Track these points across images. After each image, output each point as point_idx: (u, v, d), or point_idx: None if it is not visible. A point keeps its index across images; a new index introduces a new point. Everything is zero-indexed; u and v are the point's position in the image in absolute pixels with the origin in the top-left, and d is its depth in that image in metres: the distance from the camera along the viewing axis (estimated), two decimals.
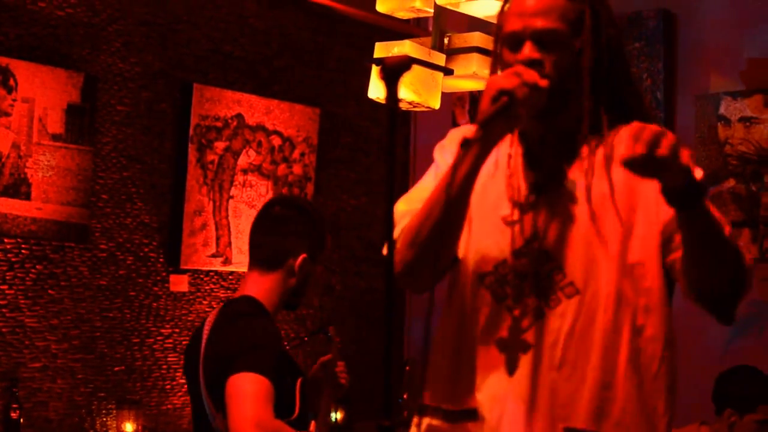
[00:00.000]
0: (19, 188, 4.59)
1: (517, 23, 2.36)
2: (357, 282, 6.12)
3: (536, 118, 2.36)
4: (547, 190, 2.40)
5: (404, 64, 2.00)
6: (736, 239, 2.32)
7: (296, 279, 3.55)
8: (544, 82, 2.28)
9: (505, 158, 2.45)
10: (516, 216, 2.40)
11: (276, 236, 3.60)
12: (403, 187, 6.49)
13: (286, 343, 3.91)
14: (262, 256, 3.59)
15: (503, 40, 2.41)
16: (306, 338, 3.90)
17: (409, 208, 2.42)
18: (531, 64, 2.31)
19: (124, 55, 5.05)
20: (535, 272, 2.35)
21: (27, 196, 4.62)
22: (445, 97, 4.37)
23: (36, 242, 4.70)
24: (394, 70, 1.98)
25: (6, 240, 4.60)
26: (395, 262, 2.35)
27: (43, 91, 4.66)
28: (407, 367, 6.07)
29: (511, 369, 2.35)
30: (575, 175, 2.39)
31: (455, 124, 5.91)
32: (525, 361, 2.34)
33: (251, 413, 3.23)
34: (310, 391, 3.64)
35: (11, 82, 4.56)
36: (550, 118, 2.38)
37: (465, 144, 2.21)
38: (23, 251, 4.67)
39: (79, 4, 4.86)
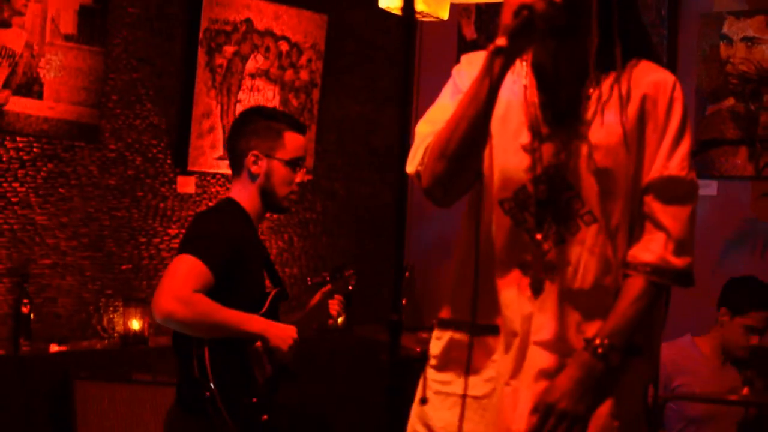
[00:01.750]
0: (31, 87, 4.65)
1: None
2: (360, 188, 6.21)
3: (550, 37, 2.44)
4: (563, 119, 2.51)
5: None
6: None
7: (259, 176, 3.80)
8: None
9: (521, 88, 2.55)
10: (536, 144, 2.51)
11: (231, 141, 3.96)
12: (408, 95, 6.55)
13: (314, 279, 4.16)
14: (230, 162, 3.93)
15: None
16: (328, 278, 4.12)
17: (432, 128, 2.52)
18: None
19: None
20: (554, 199, 2.48)
21: (39, 96, 4.68)
22: (452, 8, 4.42)
23: (47, 141, 4.77)
24: None
25: (18, 138, 4.67)
26: (423, 176, 2.50)
27: None
28: (407, 273, 6.19)
29: (536, 290, 2.50)
30: (590, 104, 2.50)
31: (461, 34, 5.95)
32: (549, 283, 2.49)
33: (172, 286, 3.55)
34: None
35: None
36: (561, 41, 2.47)
37: (496, 52, 2.32)
38: (35, 150, 4.74)
39: None
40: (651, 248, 2.47)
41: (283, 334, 3.70)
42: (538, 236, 2.50)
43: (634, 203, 2.50)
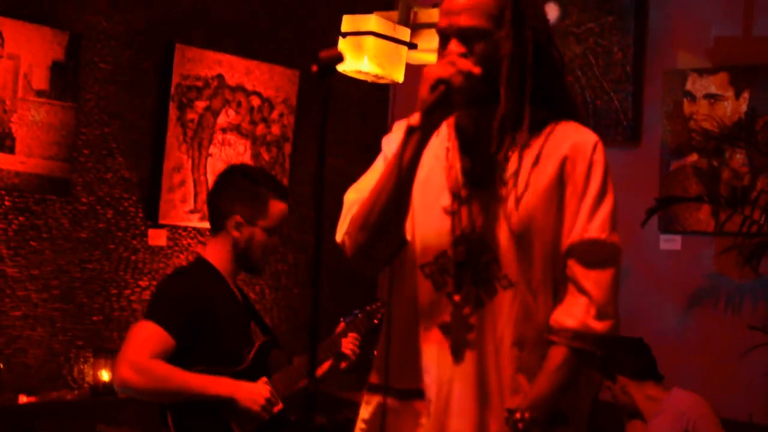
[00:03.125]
0: (3, 142, 4.73)
1: (444, 21, 2.55)
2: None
3: (470, 106, 2.51)
4: (481, 181, 2.55)
5: (337, 59, 2.15)
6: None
7: (239, 242, 3.79)
8: (477, 70, 2.44)
9: (443, 151, 2.60)
10: (455, 207, 2.56)
11: (213, 199, 3.92)
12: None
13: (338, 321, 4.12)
14: (209, 219, 3.88)
15: (438, 38, 2.58)
16: (360, 314, 4.10)
17: (358, 196, 2.59)
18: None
19: (108, 14, 5.17)
20: (473, 262, 2.52)
21: (11, 150, 4.76)
22: (413, 68, 4.51)
23: (19, 194, 4.85)
24: (327, 65, 2.14)
25: None
26: (347, 247, 2.56)
27: (29, 48, 4.79)
28: (375, 321, 6.23)
29: (456, 353, 2.52)
30: (508, 168, 2.54)
31: None
32: (469, 349, 2.51)
33: (129, 354, 3.59)
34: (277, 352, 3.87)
35: None
36: (482, 107, 2.53)
37: (410, 131, 2.40)
38: (6, 203, 4.81)
39: None
40: (573, 313, 2.49)
41: (252, 394, 3.67)
42: (456, 298, 2.52)
43: (556, 266, 2.52)
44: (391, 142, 2.65)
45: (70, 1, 5.01)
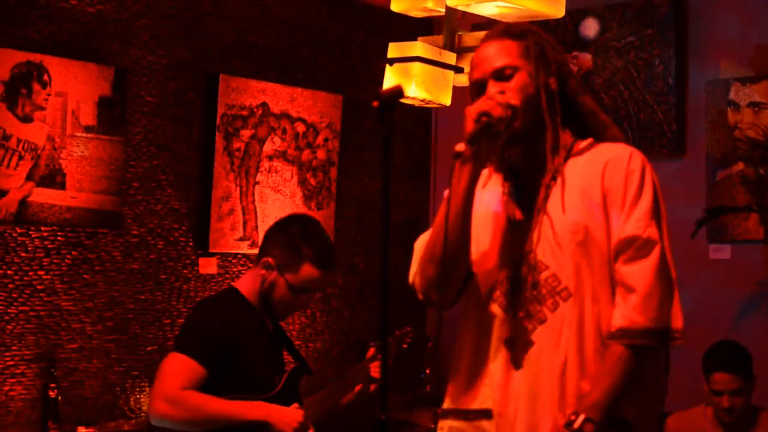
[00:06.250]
0: (54, 178, 4.80)
1: (478, 72, 2.72)
2: (380, 262, 6.28)
3: (515, 139, 2.67)
4: (533, 205, 2.69)
5: (398, 94, 2.21)
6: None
7: (265, 281, 3.85)
8: (515, 101, 2.62)
9: (500, 194, 2.76)
10: (512, 230, 2.70)
11: (267, 233, 4.00)
12: (424, 171, 6.65)
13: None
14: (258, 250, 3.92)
15: (473, 90, 2.73)
16: (391, 339, 4.18)
17: (426, 239, 2.72)
18: None
19: (152, 48, 5.24)
20: (534, 281, 2.63)
21: (62, 186, 4.83)
22: (459, 91, 4.55)
23: (71, 229, 4.91)
24: (388, 101, 2.19)
25: (43, 228, 4.81)
26: (418, 285, 2.70)
27: (76, 85, 4.86)
28: (429, 344, 6.27)
29: (521, 368, 2.63)
30: (554, 188, 2.69)
31: None
32: (533, 361, 2.61)
33: (161, 388, 3.64)
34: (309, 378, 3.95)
35: (45, 77, 4.76)
36: (526, 138, 2.68)
37: (456, 156, 2.53)
38: (59, 238, 4.88)
39: (108, 1, 5.04)
40: (620, 312, 2.58)
41: (286, 418, 3.73)
42: (521, 314, 2.63)
43: (612, 275, 2.63)
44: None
45: (115, 36, 5.08)
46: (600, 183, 2.64)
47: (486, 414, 2.66)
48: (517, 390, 2.62)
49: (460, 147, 2.50)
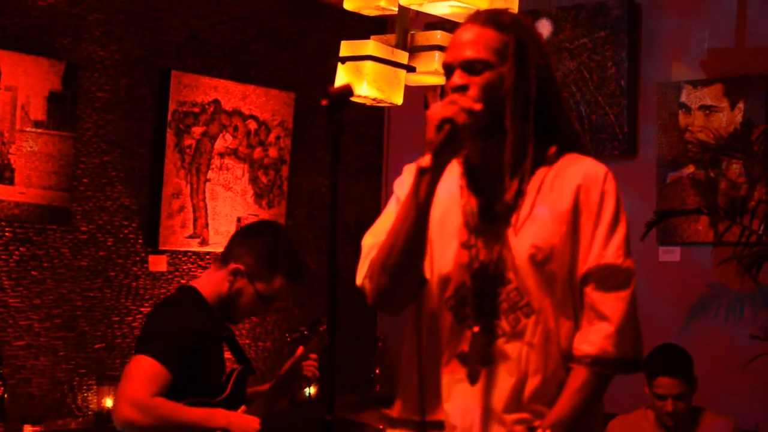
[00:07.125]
0: (2, 173, 4.74)
1: (449, 56, 2.64)
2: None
3: (476, 139, 2.58)
4: (496, 214, 2.62)
5: (347, 93, 2.20)
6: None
7: (230, 287, 3.83)
8: (478, 106, 2.52)
9: (457, 189, 2.67)
10: (473, 241, 2.61)
11: (236, 237, 3.98)
12: (377, 170, 6.63)
13: (289, 337, 4.17)
14: (223, 251, 3.90)
15: (444, 70, 2.66)
16: (306, 332, 4.16)
17: (375, 240, 2.64)
18: (456, 89, 2.57)
19: (105, 43, 5.19)
20: (493, 293, 2.57)
21: (11, 181, 4.77)
22: (412, 90, 4.54)
23: (19, 225, 4.85)
24: (338, 100, 2.18)
25: None
26: (368, 290, 2.61)
27: (26, 80, 4.80)
28: (379, 344, 6.27)
29: (476, 382, 2.56)
30: (524, 199, 2.61)
31: (427, 107, 6.06)
32: (488, 375, 2.56)
33: (128, 392, 3.60)
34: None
35: None
36: (487, 138, 2.60)
37: (422, 172, 2.46)
38: (7, 234, 4.82)
39: None
40: (591, 339, 2.54)
41: (245, 424, 3.72)
42: (476, 329, 2.57)
43: (575, 293, 2.58)
44: (403, 185, 2.70)
45: (67, 31, 5.03)
46: (571, 199, 2.58)
47: (438, 425, 2.61)
48: (472, 404, 2.56)
49: (426, 162, 2.43)
